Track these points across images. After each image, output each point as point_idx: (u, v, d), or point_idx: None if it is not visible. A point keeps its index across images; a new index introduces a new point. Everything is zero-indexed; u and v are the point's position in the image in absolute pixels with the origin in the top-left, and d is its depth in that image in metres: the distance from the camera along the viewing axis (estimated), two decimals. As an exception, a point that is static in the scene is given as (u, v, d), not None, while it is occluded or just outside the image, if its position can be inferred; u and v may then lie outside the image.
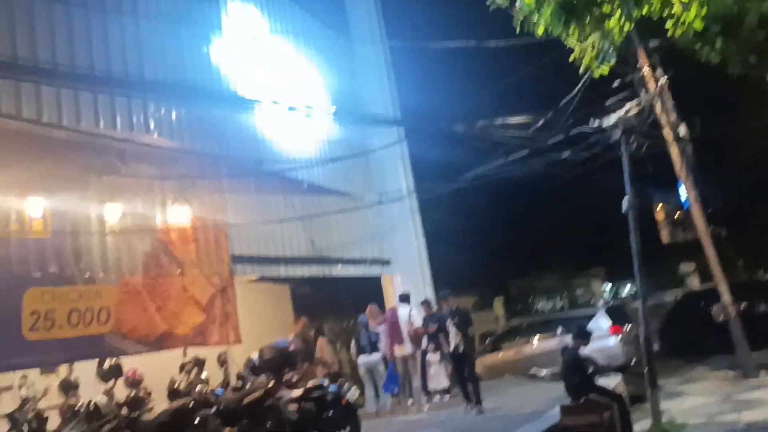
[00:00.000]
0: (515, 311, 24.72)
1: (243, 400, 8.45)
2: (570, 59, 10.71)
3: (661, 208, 15.32)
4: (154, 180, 9.52)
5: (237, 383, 9.60)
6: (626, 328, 15.66)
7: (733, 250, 21.80)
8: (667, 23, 9.79)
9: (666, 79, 13.63)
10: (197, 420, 7.72)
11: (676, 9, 9.34)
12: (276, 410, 8.38)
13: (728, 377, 12.80)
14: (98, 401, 7.40)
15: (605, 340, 15.08)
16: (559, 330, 16.02)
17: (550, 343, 15.49)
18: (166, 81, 9.22)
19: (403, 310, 11.75)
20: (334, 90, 13.91)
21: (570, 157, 12.66)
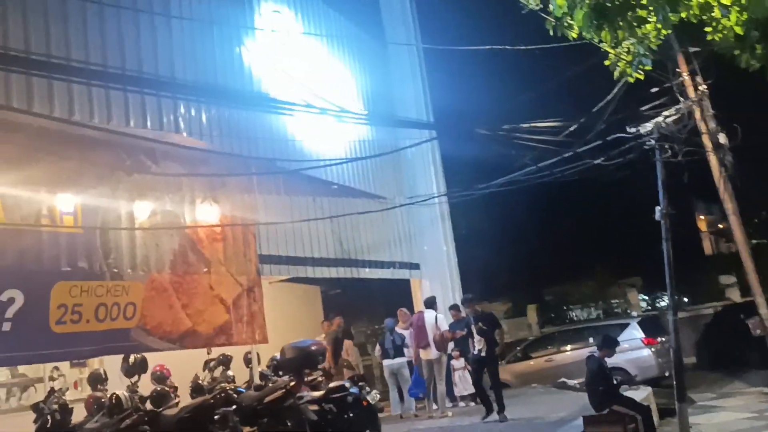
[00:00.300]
0: (549, 319, 24.38)
1: (263, 399, 8.50)
2: (605, 63, 10.58)
3: (704, 218, 14.97)
4: (183, 179, 9.65)
5: (260, 382, 9.67)
6: (661, 340, 15.39)
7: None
8: (707, 27, 9.59)
9: (706, 86, 13.30)
10: (217, 416, 7.79)
11: (716, 13, 9.12)
12: (296, 410, 8.40)
13: (765, 393, 12.42)
14: (120, 394, 7.51)
15: (639, 351, 14.83)
16: (590, 340, 15.88)
17: (581, 352, 15.26)
18: (198, 81, 9.35)
19: (429, 315, 11.67)
20: (367, 92, 13.96)
21: (607, 163, 12.41)
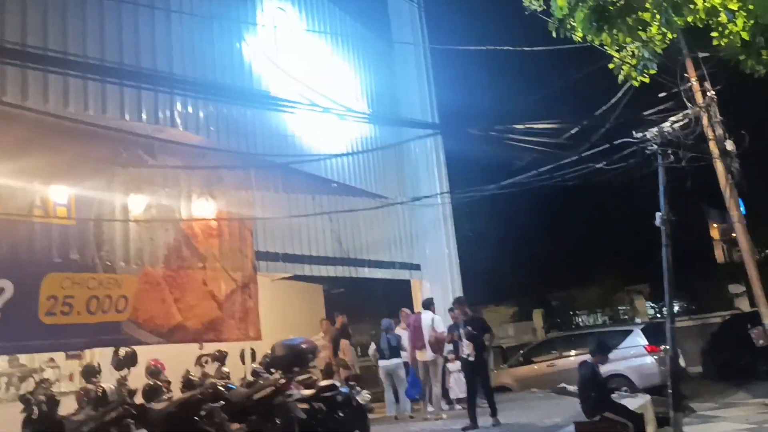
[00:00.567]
0: (555, 324, 24.22)
1: (253, 395, 8.47)
2: (610, 67, 10.46)
3: (717, 226, 14.84)
4: (180, 174, 9.65)
5: (251, 379, 9.64)
6: (664, 348, 15.23)
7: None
8: (714, 32, 9.45)
9: (714, 92, 13.13)
10: (204, 412, 7.77)
11: (723, 18, 8.98)
12: (285, 408, 8.37)
13: (766, 404, 12.24)
14: (105, 387, 7.50)
15: (642, 359, 14.68)
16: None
17: (583, 358, 15.15)
18: (197, 76, 9.36)
19: (426, 316, 11.61)
20: (372, 91, 13.93)
21: (610, 167, 12.28)
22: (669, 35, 9.83)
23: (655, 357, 14.73)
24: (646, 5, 8.71)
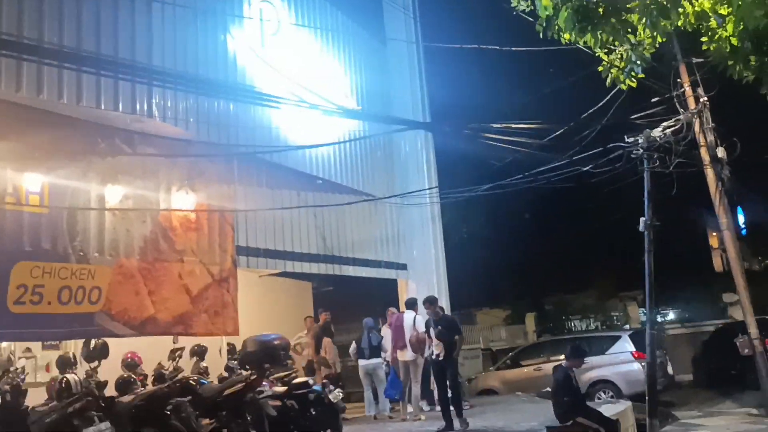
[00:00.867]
0: (547, 328, 24.10)
1: (223, 391, 8.39)
2: (599, 69, 10.33)
3: (715, 235, 14.71)
4: (161, 166, 9.57)
5: (225, 374, 9.57)
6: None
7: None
8: (703, 37, 9.33)
9: (707, 98, 13.01)
10: (170, 406, 7.69)
11: (713, 23, 8.85)
12: (255, 405, 8.29)
13: (751, 414, 12.14)
14: (69, 378, 7.42)
15: (629, 365, 14.60)
16: (581, 350, 15.72)
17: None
18: (177, 68, 9.28)
19: (408, 315, 11.51)
20: (363, 88, 13.83)
21: (596, 171, 12.17)
22: (659, 39, 9.74)
23: (643, 363, 14.58)
24: (629, 6, 8.62)
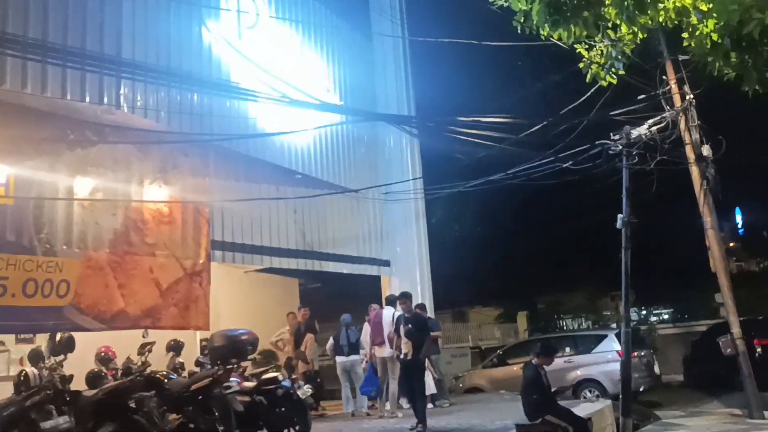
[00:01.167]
0: (539, 327, 23.98)
1: (190, 386, 8.30)
2: (580, 66, 10.22)
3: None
4: (133, 158, 9.49)
5: (196, 369, 9.48)
6: (638, 354, 15.03)
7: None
8: (685, 33, 9.21)
9: (692, 96, 12.87)
10: (133, 401, 7.61)
11: (693, 19, 8.73)
12: (222, 400, 8.20)
13: (734, 415, 12.00)
14: (28, 371, 7.33)
15: (614, 364, 14.45)
16: (567, 349, 15.61)
17: (556, 361, 14.98)
18: (149, 59, 9.19)
19: (387, 312, 11.38)
20: (347, 83, 13.73)
21: (576, 167, 12.04)
22: (640, 35, 9.62)
23: (629, 362, 14.52)
24: (607, 1, 8.49)
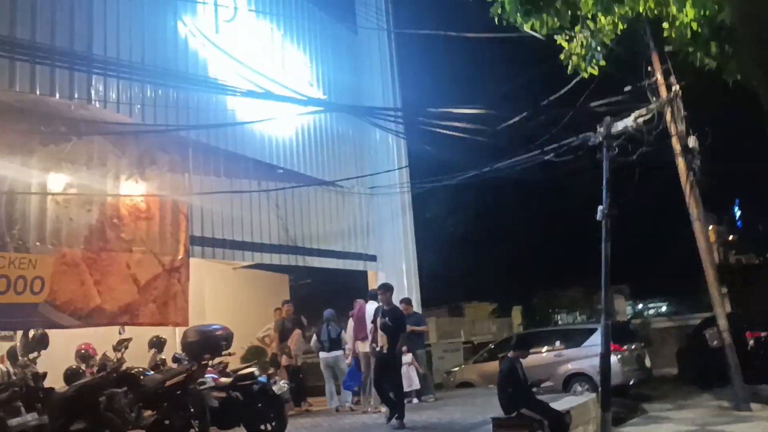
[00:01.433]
0: (534, 322, 23.88)
1: (165, 382, 8.25)
2: (561, 57, 10.13)
3: (713, 229, 14.55)
4: (110, 154, 9.42)
5: (173, 364, 9.42)
6: (629, 347, 14.96)
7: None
8: (665, 23, 9.13)
9: (678, 87, 12.77)
10: (104, 397, 7.57)
11: (672, 8, 8.65)
12: (197, 396, 8.15)
13: (722, 408, 11.94)
14: (-5, 369, 7.31)
15: (604, 357, 14.39)
16: (558, 343, 15.52)
17: (546, 356, 14.90)
18: (122, 54, 9.13)
19: (371, 306, 11.31)
20: (330, 77, 13.65)
21: (559, 159, 11.95)
22: (620, 26, 9.51)
23: (619, 356, 14.44)
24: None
